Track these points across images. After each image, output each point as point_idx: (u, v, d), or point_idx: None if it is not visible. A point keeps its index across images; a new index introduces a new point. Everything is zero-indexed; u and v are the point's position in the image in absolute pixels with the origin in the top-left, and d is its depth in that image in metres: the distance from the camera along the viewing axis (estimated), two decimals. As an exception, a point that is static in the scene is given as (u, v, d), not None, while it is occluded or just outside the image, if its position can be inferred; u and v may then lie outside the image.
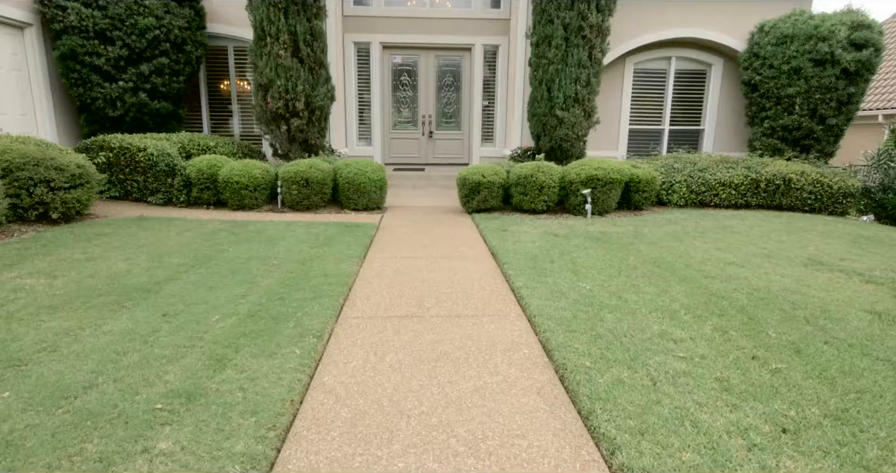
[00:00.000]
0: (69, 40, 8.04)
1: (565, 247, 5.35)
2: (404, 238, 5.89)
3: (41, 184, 5.62)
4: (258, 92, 8.22)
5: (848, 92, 9.24)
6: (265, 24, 7.86)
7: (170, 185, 7.30)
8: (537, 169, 7.14)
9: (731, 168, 8.12)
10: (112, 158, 7.34)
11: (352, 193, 7.36)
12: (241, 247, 5.14)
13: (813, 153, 9.60)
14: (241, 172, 7.06)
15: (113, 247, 4.99)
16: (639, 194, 7.51)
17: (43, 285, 3.83)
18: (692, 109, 11.10)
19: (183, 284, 3.96)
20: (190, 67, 9.11)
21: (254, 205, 7.28)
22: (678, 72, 10.90)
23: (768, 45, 9.60)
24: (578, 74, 8.42)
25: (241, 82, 10.51)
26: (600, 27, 8.38)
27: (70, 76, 8.28)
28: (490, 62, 10.95)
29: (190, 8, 8.89)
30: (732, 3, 10.24)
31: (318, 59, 8.24)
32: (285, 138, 8.40)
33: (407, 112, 11.22)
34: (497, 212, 7.43)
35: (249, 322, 3.25)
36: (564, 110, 8.52)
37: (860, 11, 9.40)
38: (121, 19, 8.07)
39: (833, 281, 4.33)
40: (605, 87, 10.21)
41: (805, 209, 7.97)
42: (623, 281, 4.22)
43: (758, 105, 10.05)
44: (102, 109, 8.48)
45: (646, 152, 10.94)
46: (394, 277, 4.42)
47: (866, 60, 9.02)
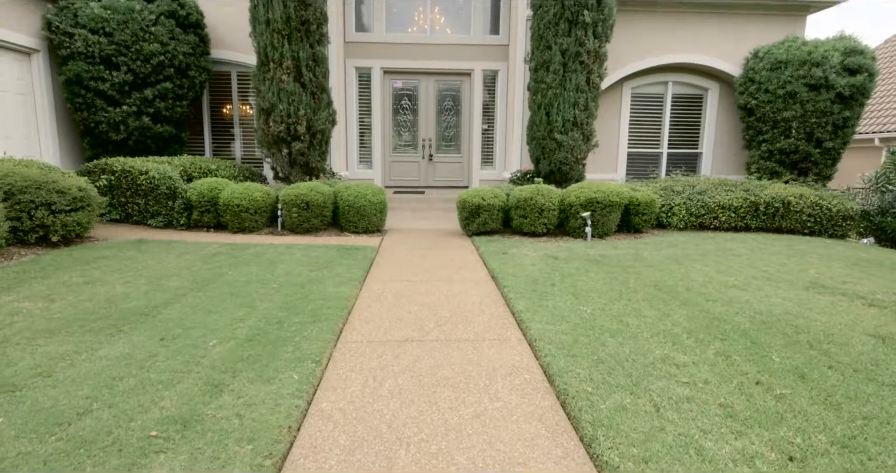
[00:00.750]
0: (75, 66, 8.18)
1: (566, 270, 5.33)
2: (404, 261, 5.88)
3: (42, 207, 5.64)
4: (260, 116, 8.32)
5: (843, 116, 9.36)
6: (268, 50, 8.00)
7: (170, 208, 7.32)
8: (537, 192, 7.18)
9: (730, 191, 8.16)
10: (114, 181, 7.38)
11: (352, 216, 7.38)
12: (240, 270, 5.13)
13: (811, 176, 9.66)
14: (242, 195, 7.09)
15: (112, 270, 4.97)
16: (638, 216, 7.53)
17: (40, 309, 3.81)
18: (690, 132, 11.22)
19: (181, 307, 3.93)
20: (193, 91, 9.25)
21: (254, 228, 7.29)
22: (675, 96, 11.06)
23: (763, 71, 9.75)
24: (577, 98, 8.53)
25: (244, 106, 10.65)
26: (597, 53, 8.53)
27: (75, 101, 8.40)
28: (489, 87, 11.11)
29: (195, 34, 9.06)
30: (726, 29, 10.46)
31: (320, 83, 8.36)
32: (286, 162, 8.47)
33: (407, 135, 11.33)
34: (497, 235, 7.43)
35: (247, 347, 3.21)
36: (563, 134, 8.61)
37: (852, 38, 9.58)
38: (126, 45, 8.22)
39: (835, 304, 4.30)
40: (603, 111, 10.35)
41: (805, 232, 7.98)
42: (624, 305, 4.19)
43: (754, 129, 10.16)
44: (106, 132, 8.58)
45: (644, 175, 11.01)
46: (393, 300, 4.40)
47: (860, 84, 9.15)
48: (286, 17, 7.83)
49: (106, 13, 8.07)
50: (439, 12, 11.00)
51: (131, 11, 8.18)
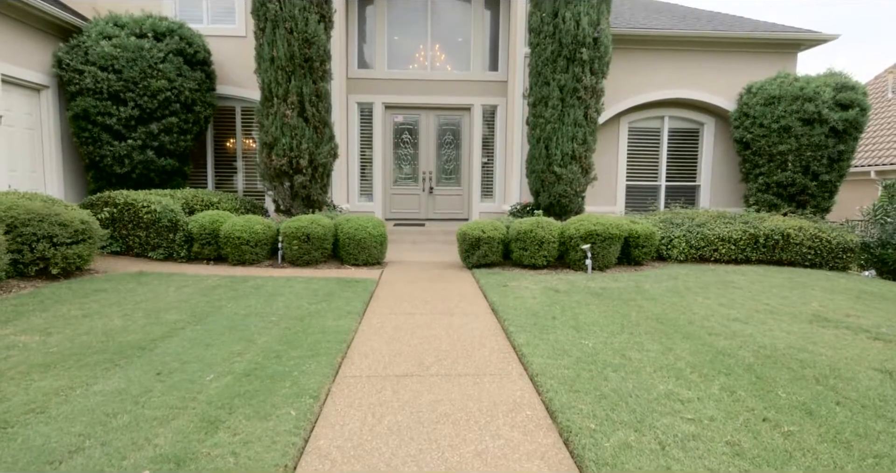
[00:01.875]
0: (83, 101, 8.35)
1: (566, 303, 5.30)
2: (404, 294, 5.85)
3: (44, 240, 5.66)
4: (263, 150, 8.44)
5: (838, 150, 9.49)
6: (273, 86, 8.19)
7: (171, 240, 7.34)
8: (537, 224, 7.21)
9: (730, 223, 8.19)
10: (116, 213, 7.43)
11: (352, 248, 7.39)
12: (239, 303, 5.10)
13: (809, 209, 9.72)
14: (243, 227, 7.12)
15: (110, 303, 4.95)
16: (638, 249, 7.54)
17: (37, 343, 3.77)
18: (687, 165, 11.35)
19: (179, 341, 3.89)
20: (198, 126, 9.41)
21: (254, 260, 7.29)
22: (672, 130, 11.24)
23: (757, 105, 9.95)
24: (575, 132, 8.67)
25: (247, 140, 10.81)
26: (594, 89, 8.72)
27: (81, 135, 8.54)
28: (489, 121, 11.31)
29: (202, 71, 9.28)
30: (720, 66, 10.72)
31: (322, 118, 8.52)
32: (288, 194, 8.54)
33: (408, 168, 11.47)
34: (497, 267, 7.42)
35: (245, 382, 3.17)
36: (562, 167, 8.71)
37: (842, 74, 9.81)
38: (134, 82, 8.41)
39: (840, 338, 4.26)
40: (601, 144, 10.51)
41: (805, 264, 7.97)
42: (626, 338, 4.15)
43: (751, 162, 10.29)
44: (110, 166, 8.69)
45: (643, 208, 11.08)
46: (393, 334, 4.35)
47: (853, 119, 9.32)
48: (290, 54, 8.04)
49: (116, 51, 8.29)
50: (439, 50, 11.30)
51: (141, 49, 8.41)
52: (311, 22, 8.10)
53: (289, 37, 8.01)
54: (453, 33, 11.30)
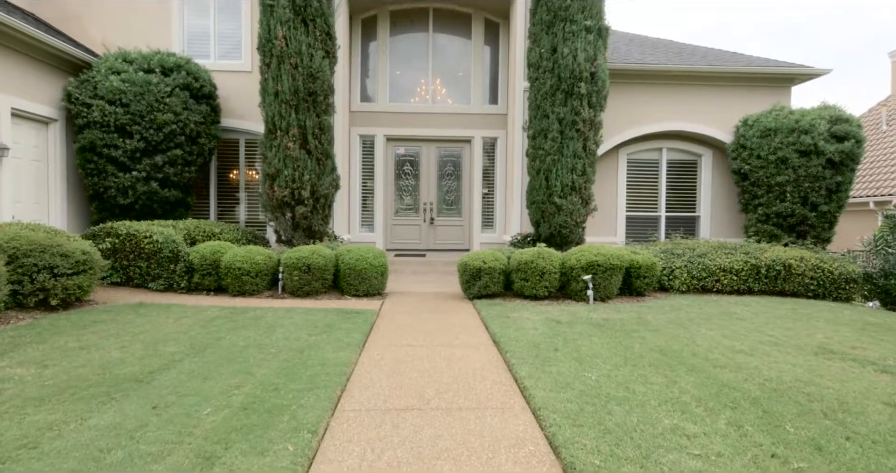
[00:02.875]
0: (90, 134, 8.49)
1: (568, 334, 5.25)
2: (405, 325, 5.81)
3: (45, 270, 5.66)
4: (266, 181, 8.52)
5: (836, 181, 9.57)
6: (276, 119, 8.33)
7: (172, 271, 7.33)
8: (538, 255, 7.21)
9: (731, 254, 8.19)
10: (118, 244, 7.45)
11: (353, 279, 7.37)
12: (238, 334, 5.05)
13: (809, 239, 9.73)
14: (244, 258, 7.12)
15: (109, 335, 4.91)
16: (640, 279, 7.51)
17: (32, 376, 3.72)
18: (687, 196, 11.43)
19: (176, 374, 3.84)
20: (202, 158, 9.53)
21: (254, 291, 7.26)
22: (670, 161, 11.37)
23: (754, 137, 10.09)
24: (574, 164, 8.77)
25: (250, 172, 10.93)
26: (593, 121, 8.86)
27: (86, 167, 8.65)
28: (489, 152, 11.46)
29: (207, 105, 9.47)
30: (716, 99, 10.92)
31: (325, 150, 8.64)
32: (289, 225, 8.58)
33: (409, 199, 11.55)
34: (498, 298, 7.38)
35: (242, 416, 3.11)
36: (562, 198, 8.77)
37: (836, 107, 9.99)
38: (141, 115, 8.57)
39: (846, 371, 4.20)
40: (600, 175, 10.61)
41: (808, 295, 7.92)
42: (629, 371, 4.09)
43: (750, 193, 10.36)
44: (114, 197, 8.76)
45: (644, 238, 11.10)
46: (393, 366, 4.30)
47: (849, 150, 9.43)
48: (294, 89, 8.22)
49: (124, 85, 8.48)
50: (440, 84, 11.55)
51: (148, 84, 8.60)
52: (316, 58, 8.31)
53: (293, 72, 8.21)
54: (454, 68, 11.57)
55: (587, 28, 8.66)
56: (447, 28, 11.59)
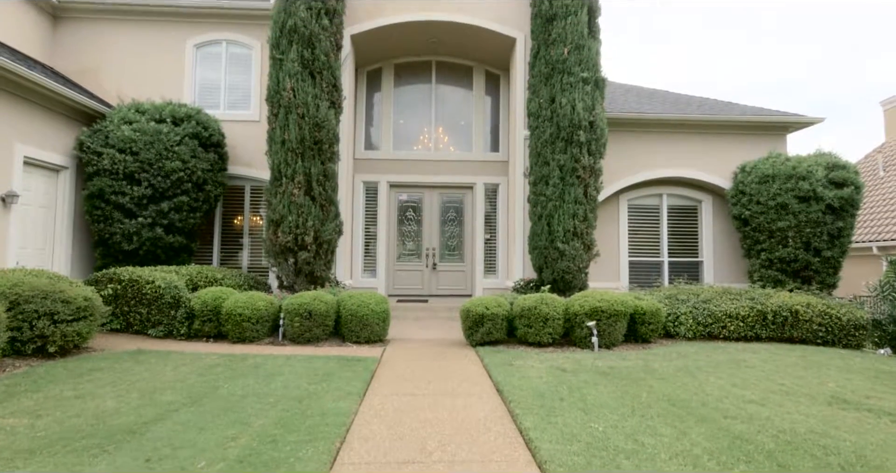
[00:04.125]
0: (100, 181, 8.65)
1: (574, 383, 5.13)
2: (406, 374, 5.69)
3: (45, 317, 5.62)
4: (269, 227, 8.60)
5: (837, 226, 9.60)
6: (282, 167, 8.50)
7: (172, 317, 7.28)
8: (541, 301, 7.15)
9: (736, 300, 8.11)
10: (119, 290, 7.43)
11: (354, 325, 7.29)
12: (237, 383, 4.96)
13: (815, 285, 9.66)
14: (245, 304, 7.08)
15: (105, 383, 4.82)
16: (645, 326, 7.41)
17: (25, 426, 3.63)
18: (689, 241, 11.45)
19: (172, 424, 3.74)
20: (208, 204, 9.65)
21: (254, 338, 7.17)
22: (671, 207, 11.46)
23: (752, 184, 10.21)
24: (576, 209, 8.85)
25: (255, 218, 11.05)
26: (593, 168, 9.01)
27: (94, 213, 8.76)
28: (491, 198, 11.60)
29: (215, 153, 9.69)
30: (713, 147, 11.14)
31: (329, 197, 8.76)
32: (292, 271, 8.58)
33: (411, 245, 11.60)
34: (502, 345, 7.27)
35: (238, 469, 3.00)
36: (565, 243, 8.79)
37: (832, 154, 10.15)
38: (150, 163, 8.75)
39: (862, 422, 4.06)
40: (602, 221, 10.67)
41: (817, 342, 7.78)
42: (638, 421, 3.97)
43: (752, 238, 10.37)
44: (118, 243, 8.81)
45: (647, 284, 11.03)
46: (394, 416, 4.18)
47: (848, 196, 9.52)
48: (301, 137, 8.43)
49: (135, 135, 8.71)
50: (443, 132, 11.84)
51: (159, 133, 8.84)
52: (322, 108, 8.57)
53: (300, 121, 8.44)
54: (456, 117, 11.90)
55: (584, 80, 8.96)
56: (449, 79, 12.00)
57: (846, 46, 62.06)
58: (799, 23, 63.85)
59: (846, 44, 62.25)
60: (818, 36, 63.38)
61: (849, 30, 62.15)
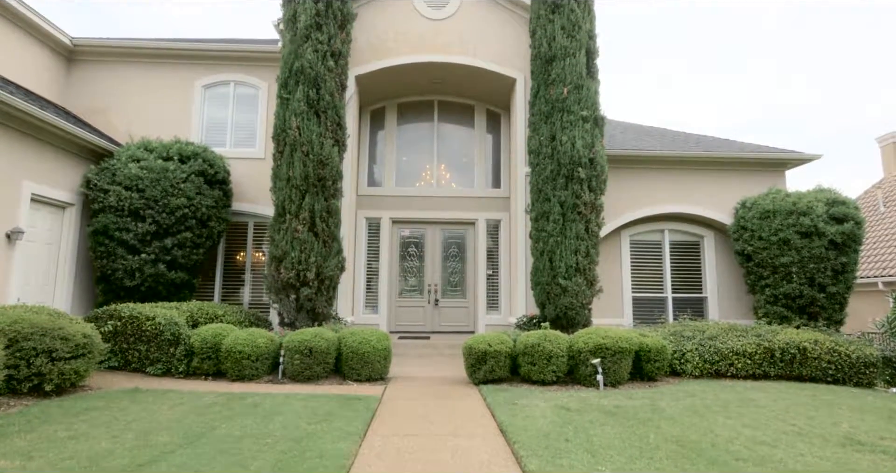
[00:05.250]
0: (105, 218, 8.72)
1: (579, 423, 5.01)
2: (408, 413, 5.57)
3: (42, 354, 5.56)
4: (272, 263, 8.60)
5: (841, 262, 9.55)
6: (286, 203, 8.59)
7: (171, 354, 7.19)
8: (544, 338, 7.06)
9: (742, 336, 8.00)
10: (119, 327, 7.38)
11: (355, 362, 7.19)
12: (234, 423, 4.85)
13: (821, 321, 9.53)
14: (245, 341, 7.01)
15: (100, 423, 4.72)
16: (651, 363, 7.29)
17: (16, 469, 3.53)
18: (692, 277, 11.39)
19: (167, 466, 3.64)
20: (211, 240, 9.69)
21: (254, 376, 7.06)
22: (673, 243, 11.46)
23: (753, 219, 10.23)
24: (578, 245, 8.86)
25: (257, 254, 11.07)
26: (593, 204, 9.07)
27: (97, 249, 8.79)
28: (493, 234, 11.63)
29: (220, 189, 9.80)
30: (713, 183, 11.23)
31: (331, 233, 8.80)
32: (293, 307, 8.53)
33: (413, 280, 11.56)
34: (505, 383, 7.14)
35: (232, 515, 2.90)
36: (567, 279, 8.76)
37: (832, 190, 10.21)
38: (155, 200, 8.84)
39: (878, 465, 3.93)
40: (604, 257, 10.65)
41: (827, 380, 7.62)
42: (646, 464, 3.85)
43: (755, 274, 10.32)
44: (120, 279, 8.81)
45: (651, 320, 10.91)
46: (395, 458, 4.07)
47: (850, 232, 9.51)
48: (305, 174, 8.55)
49: (142, 172, 8.84)
50: (445, 169, 12.00)
51: (165, 170, 8.97)
52: (326, 146, 8.72)
53: (305, 159, 8.58)
54: (458, 154, 12.08)
55: (584, 118, 9.13)
56: (451, 118, 12.25)
57: (840, 86, 63.50)
58: (796, 63, 65.55)
59: (840, 83, 63.70)
60: (814, 76, 64.91)
61: (842, 70, 63.73)
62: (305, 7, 8.97)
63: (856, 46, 62.95)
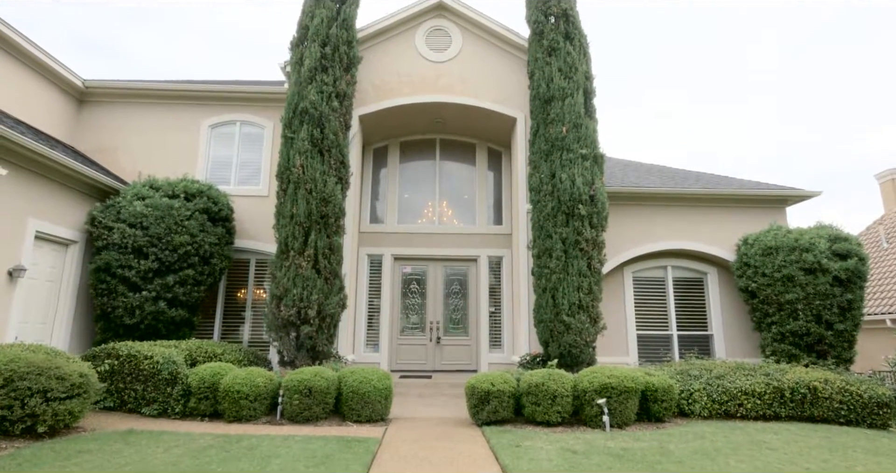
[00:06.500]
0: (108, 255, 8.75)
1: (586, 466, 4.85)
2: (409, 456, 5.41)
3: (37, 394, 5.46)
4: (273, 300, 8.55)
5: (847, 298, 9.46)
6: (289, 240, 8.61)
7: (168, 394, 7.06)
8: (548, 377, 6.93)
9: (750, 375, 7.84)
10: (116, 365, 7.27)
11: (355, 403, 7.03)
12: (230, 466, 4.71)
13: (830, 359, 9.35)
14: (244, 380, 6.89)
15: (92, 466, 4.59)
16: (658, 403, 7.11)
17: (2, 516, 3.41)
18: (697, 314, 11.27)
19: (158, 514, 3.51)
20: (213, 278, 9.68)
21: (251, 416, 6.90)
22: (676, 279, 11.39)
23: (756, 256, 10.20)
24: (580, 282, 8.81)
25: (258, 291, 11.03)
26: (595, 241, 9.08)
27: (98, 287, 8.77)
28: (495, 271, 11.59)
29: (223, 227, 9.86)
30: (714, 219, 11.26)
31: (333, 270, 8.79)
32: (293, 345, 8.42)
33: (415, 318, 11.46)
34: (509, 424, 6.96)
35: None
36: (570, 316, 8.67)
37: (833, 226, 10.22)
38: (159, 237, 8.88)
39: (898, 512, 3.78)
40: (608, 294, 10.56)
41: (840, 421, 7.41)
42: (656, 511, 3.70)
43: (761, 311, 10.20)
44: (120, 317, 8.75)
45: (657, 358, 10.73)
46: (396, 505, 3.92)
47: (853, 268, 9.46)
48: (308, 212, 8.61)
49: (147, 210, 8.92)
50: (447, 206, 12.09)
51: (170, 208, 9.05)
52: (330, 183, 8.83)
53: (308, 196, 8.66)
54: (459, 191, 12.20)
55: (583, 156, 9.26)
56: (453, 156, 12.44)
57: (836, 123, 64.58)
58: (795, 101, 66.86)
59: (836, 120, 64.80)
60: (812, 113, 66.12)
61: (839, 108, 64.96)
62: (311, 51, 9.27)
63: (839, 86, 64.38)
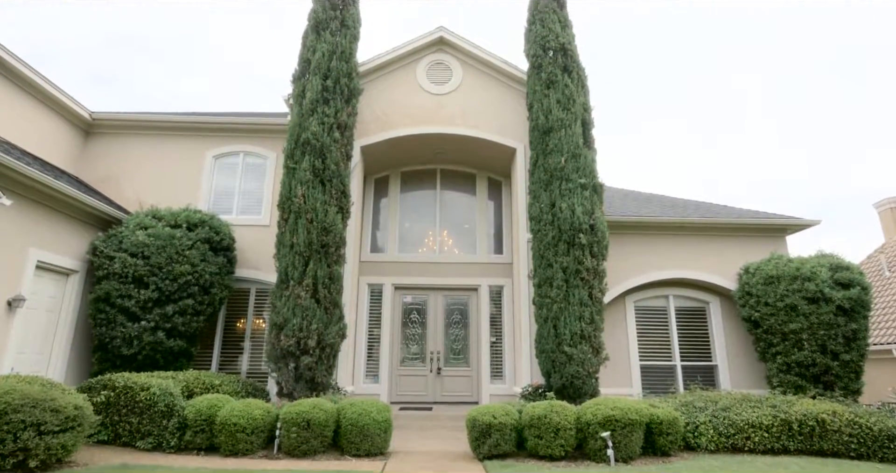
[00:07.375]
0: (108, 285, 8.73)
1: (591, 503, 4.71)
2: (409, 492, 5.27)
3: (31, 428, 5.36)
4: (272, 330, 8.49)
5: (851, 328, 9.36)
6: (290, 270, 8.60)
7: (163, 427, 6.92)
8: (550, 409, 6.81)
9: (756, 407, 7.69)
10: (112, 397, 7.15)
11: (354, 436, 6.89)
12: (225, 503, 4.58)
13: (838, 391, 9.19)
14: (242, 412, 6.76)
15: (83, 503, 4.46)
16: (663, 437, 6.96)
17: (-12, 556, 3.30)
18: (700, 344, 11.14)
19: (149, 554, 3.40)
20: (212, 307, 9.62)
21: (248, 450, 6.75)
22: (678, 309, 11.31)
23: (758, 285, 10.15)
24: (582, 312, 8.76)
25: (258, 321, 10.95)
26: (596, 270, 9.06)
27: (97, 317, 8.71)
28: (496, 300, 11.53)
29: (224, 256, 9.86)
30: (714, 248, 11.26)
31: (333, 299, 8.75)
32: (292, 376, 8.31)
33: (415, 348, 11.34)
34: (511, 458, 6.79)
35: None
36: (572, 347, 8.58)
37: (834, 255, 10.21)
38: (160, 267, 8.88)
39: (914, 552, 3.65)
40: (609, 323, 10.47)
41: (850, 455, 7.23)
42: (664, 551, 3.58)
43: (765, 341, 10.09)
44: (118, 347, 8.66)
45: (662, 390, 10.55)
46: (395, 544, 3.80)
47: (857, 297, 9.40)
48: (308, 241, 8.64)
49: (149, 239, 8.94)
50: (447, 235, 12.12)
51: (172, 238, 9.07)
52: (331, 213, 8.88)
53: (309, 226, 8.70)
54: (460, 220, 12.25)
55: (582, 185, 9.34)
56: (453, 185, 12.54)
57: (833, 153, 65.22)
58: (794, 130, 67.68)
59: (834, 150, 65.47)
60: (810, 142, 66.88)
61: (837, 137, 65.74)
62: (313, 84, 9.47)
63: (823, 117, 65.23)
